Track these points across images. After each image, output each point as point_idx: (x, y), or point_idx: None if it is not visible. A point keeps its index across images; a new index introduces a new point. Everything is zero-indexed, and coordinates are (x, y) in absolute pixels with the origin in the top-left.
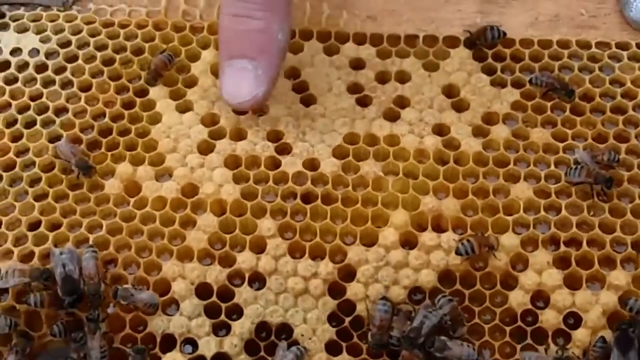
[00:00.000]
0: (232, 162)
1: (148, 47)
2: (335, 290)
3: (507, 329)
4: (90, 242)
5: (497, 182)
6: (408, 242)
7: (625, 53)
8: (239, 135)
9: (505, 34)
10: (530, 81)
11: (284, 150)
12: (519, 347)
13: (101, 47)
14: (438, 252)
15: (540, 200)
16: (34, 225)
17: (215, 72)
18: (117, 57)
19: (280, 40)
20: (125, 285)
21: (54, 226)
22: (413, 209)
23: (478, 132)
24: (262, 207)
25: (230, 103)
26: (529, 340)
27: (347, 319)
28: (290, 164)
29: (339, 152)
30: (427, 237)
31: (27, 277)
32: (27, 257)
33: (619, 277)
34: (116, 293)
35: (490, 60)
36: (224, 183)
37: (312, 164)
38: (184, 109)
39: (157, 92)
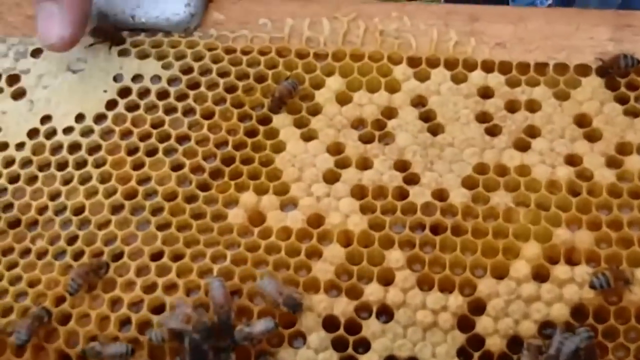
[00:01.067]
0: (358, 192)
1: (271, 74)
2: (464, 324)
3: None
4: (215, 273)
5: (632, 215)
6: (540, 275)
7: None
8: (364, 165)
9: (639, 62)
10: None
11: (412, 180)
12: None
13: (224, 74)
14: (571, 286)
15: None
16: (156, 256)
17: (341, 100)
18: (240, 84)
19: None
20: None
21: (177, 257)
22: (545, 241)
23: (611, 163)
24: (390, 238)
25: (42, 46)
26: None
27: (476, 354)
28: (419, 195)
29: (468, 182)
30: (560, 271)
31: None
32: (149, 289)
33: None
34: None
35: (623, 89)
36: (350, 213)
37: (440, 195)
38: (309, 137)
39: (280, 120)
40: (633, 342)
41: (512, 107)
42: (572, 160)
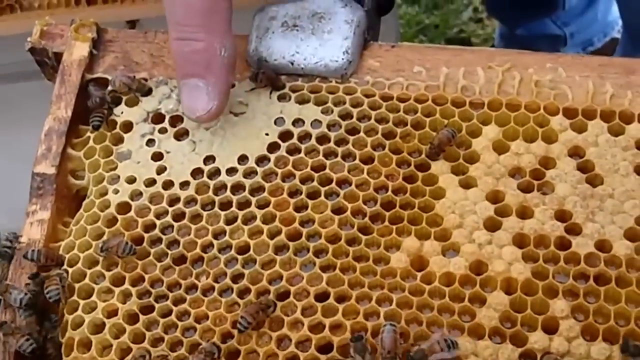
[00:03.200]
0: (520, 240)
1: (428, 121)
2: None
3: None
4: (381, 316)
5: None
6: None
7: None
8: (524, 214)
9: None
10: None
11: (573, 230)
12: None
13: (381, 120)
14: None
15: None
16: (321, 297)
17: (497, 148)
18: (398, 130)
19: (224, 56)
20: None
21: (342, 298)
22: None
23: None
24: (554, 287)
25: (190, 118)
26: None
27: None
28: (582, 245)
29: (630, 234)
30: None
31: None
32: (315, 328)
33: None
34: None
35: None
36: (513, 262)
37: (603, 246)
38: (467, 184)
39: (439, 167)
40: None
41: None
42: None
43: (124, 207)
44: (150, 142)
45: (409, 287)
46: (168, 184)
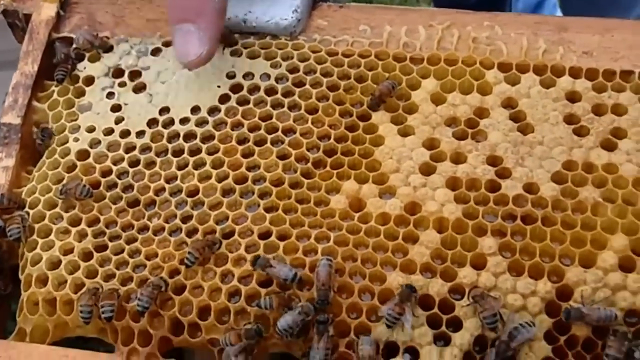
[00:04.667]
0: (453, 184)
1: (370, 75)
2: (551, 309)
3: None
4: (319, 252)
5: None
6: (626, 266)
7: None
8: (458, 159)
9: None
10: None
11: (503, 174)
12: None
13: (326, 74)
14: None
15: None
16: (264, 235)
17: (435, 100)
18: (342, 83)
19: (215, 1)
20: (267, 256)
21: (284, 237)
22: (632, 235)
23: None
24: (483, 226)
25: (181, 62)
26: None
27: (562, 338)
28: (511, 187)
29: (557, 177)
30: None
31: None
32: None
33: None
34: (256, 261)
35: None
36: (445, 202)
37: (531, 188)
38: (405, 133)
39: (379, 117)
40: None
41: (598, 110)
42: None
43: (83, 154)
44: (110, 95)
45: (346, 226)
46: (125, 133)
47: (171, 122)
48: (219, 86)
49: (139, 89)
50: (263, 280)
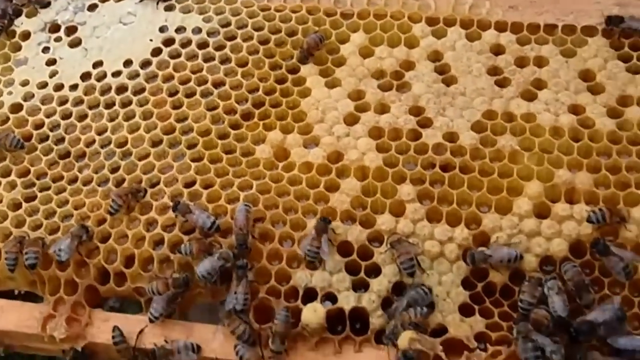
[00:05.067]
0: (376, 133)
1: (301, 29)
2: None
3: (636, 300)
4: (241, 200)
5: (630, 160)
6: (541, 213)
7: None
8: (382, 110)
9: None
10: None
11: (425, 124)
12: None
13: (258, 29)
14: (570, 222)
15: None
16: (189, 184)
17: (363, 53)
18: (273, 37)
19: None
20: (188, 202)
21: (208, 185)
22: (547, 181)
23: (612, 113)
24: (403, 174)
25: None
26: None
27: (480, 285)
28: (431, 136)
29: (477, 127)
30: (560, 208)
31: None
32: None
33: None
34: (176, 206)
35: (627, 49)
36: (367, 151)
37: (451, 137)
38: (332, 85)
39: (307, 70)
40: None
41: (521, 62)
42: (576, 109)
43: (16, 108)
44: (46, 50)
45: (270, 175)
46: (59, 87)
47: (104, 75)
48: (151, 40)
49: (75, 44)
50: (188, 229)
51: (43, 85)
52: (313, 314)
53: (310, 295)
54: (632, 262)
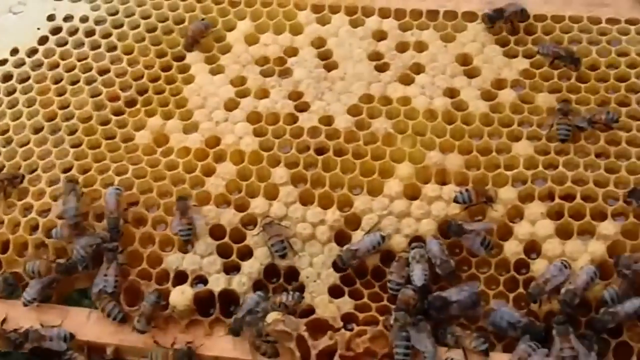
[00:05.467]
0: (254, 118)
1: (188, 17)
2: (341, 237)
3: (501, 278)
4: (116, 184)
5: (500, 141)
6: (412, 194)
7: (633, 28)
8: (263, 95)
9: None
10: (538, 51)
11: (303, 108)
12: (511, 295)
13: (146, 17)
14: (439, 203)
15: (539, 158)
16: (67, 169)
17: (249, 40)
18: (160, 25)
19: None
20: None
21: (86, 170)
22: (418, 163)
23: (486, 96)
24: (277, 158)
25: None
26: (520, 289)
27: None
28: (307, 120)
29: (353, 110)
30: (430, 189)
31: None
32: (58, 198)
33: (609, 227)
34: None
35: (504, 33)
36: (244, 135)
37: (327, 121)
38: (217, 72)
39: (193, 57)
40: (493, 257)
41: (402, 47)
42: (451, 93)
43: None
44: None
45: (147, 160)
46: None
47: None
48: (39, 29)
49: None
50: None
51: None
52: (181, 296)
53: (182, 278)
54: (483, 231)
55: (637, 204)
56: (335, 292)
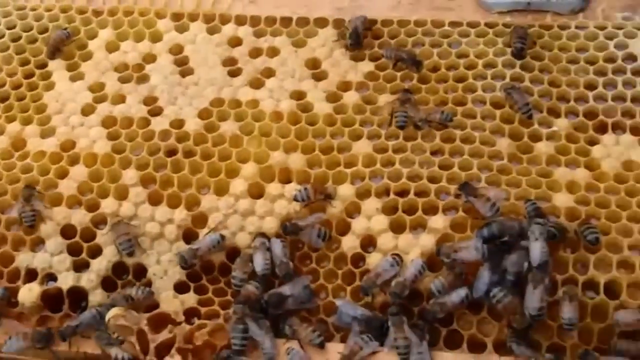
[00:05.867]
0: (109, 122)
1: (52, 27)
2: (189, 236)
3: (340, 272)
4: None
5: (342, 140)
6: (257, 193)
7: (473, 30)
8: (119, 100)
9: None
10: (383, 55)
11: (157, 112)
12: (349, 288)
13: (10, 27)
14: (281, 201)
15: (378, 156)
16: None
17: (110, 48)
18: (24, 34)
19: None
20: None
21: None
22: (263, 163)
23: (332, 98)
24: (129, 160)
25: None
26: (358, 282)
27: (199, 264)
28: (159, 123)
29: (204, 114)
30: (273, 188)
31: None
32: None
33: (438, 221)
34: None
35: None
36: (97, 139)
37: (179, 124)
38: (77, 78)
39: (55, 65)
40: (332, 252)
41: (255, 53)
42: (298, 95)
43: None
44: None
45: (4, 164)
46: None
47: None
48: None
49: None
50: None
51: None
52: (28, 293)
53: (33, 276)
54: (317, 224)
55: (467, 199)
56: (182, 288)
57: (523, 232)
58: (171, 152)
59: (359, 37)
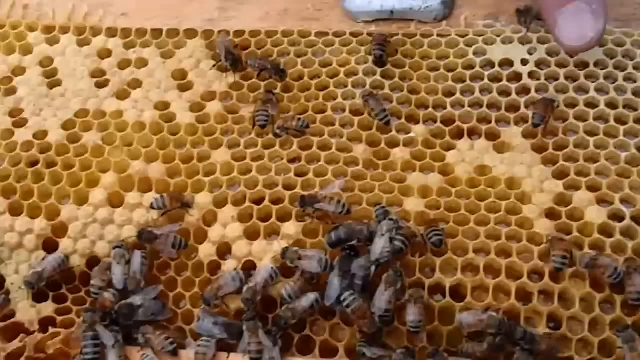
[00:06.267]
0: None
1: None
2: (49, 245)
3: (197, 280)
4: None
5: (202, 149)
6: (115, 202)
7: (338, 39)
8: None
9: None
10: (247, 64)
11: (21, 124)
12: None
13: None
14: (140, 210)
15: (235, 164)
16: None
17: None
18: None
19: None
20: None
21: None
22: (122, 172)
23: (195, 108)
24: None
25: (572, 48)
26: None
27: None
28: (22, 135)
29: (68, 125)
30: (131, 197)
31: None
32: None
33: (291, 228)
34: None
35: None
36: None
37: (42, 135)
38: None
39: None
40: (190, 260)
41: (124, 65)
42: (163, 106)
43: None
44: None
45: None
46: None
47: None
48: None
49: None
50: None
51: None
52: None
53: None
54: (173, 233)
55: (313, 208)
56: (41, 297)
57: (372, 235)
58: (33, 163)
59: (235, 58)
